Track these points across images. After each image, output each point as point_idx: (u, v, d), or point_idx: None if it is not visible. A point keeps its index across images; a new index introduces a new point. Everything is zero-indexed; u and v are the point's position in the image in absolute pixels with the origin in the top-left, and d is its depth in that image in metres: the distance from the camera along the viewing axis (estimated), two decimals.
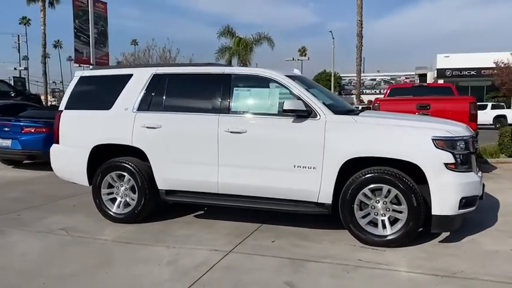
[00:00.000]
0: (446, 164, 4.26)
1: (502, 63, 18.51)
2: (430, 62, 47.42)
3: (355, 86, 47.02)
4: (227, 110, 4.97)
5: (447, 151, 4.27)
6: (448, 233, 4.72)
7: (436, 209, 4.27)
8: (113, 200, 5.44)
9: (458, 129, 4.52)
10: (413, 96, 10.48)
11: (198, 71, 5.26)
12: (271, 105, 4.88)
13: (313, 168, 4.59)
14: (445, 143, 4.29)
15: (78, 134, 5.58)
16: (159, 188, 5.23)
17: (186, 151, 5.06)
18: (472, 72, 40.28)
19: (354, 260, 4.10)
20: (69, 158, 5.63)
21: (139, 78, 5.40)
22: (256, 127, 4.82)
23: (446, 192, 4.25)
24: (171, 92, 5.28)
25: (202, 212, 5.89)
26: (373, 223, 4.52)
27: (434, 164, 4.26)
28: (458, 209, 4.30)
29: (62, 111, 5.69)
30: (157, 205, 5.45)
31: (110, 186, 5.43)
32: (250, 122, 4.85)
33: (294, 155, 4.67)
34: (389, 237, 4.41)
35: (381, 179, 4.40)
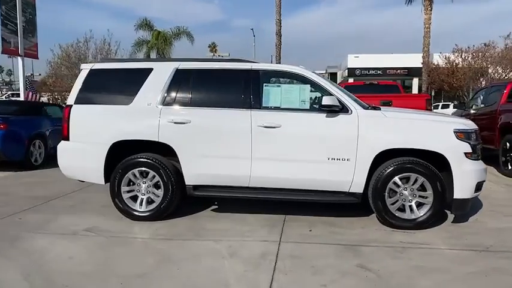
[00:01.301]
0: (465, 154, 4.84)
1: (433, 63, 20.58)
2: (340, 61, 50.30)
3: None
4: (258, 105, 5.09)
5: (466, 142, 4.85)
6: (453, 216, 5.32)
7: (458, 193, 4.84)
8: (133, 198, 5.28)
9: (469, 123, 5.13)
10: (365, 93, 11.30)
11: (225, 67, 5.30)
12: (303, 101, 5.10)
13: (347, 160, 4.91)
14: (464, 135, 4.87)
15: (94, 130, 5.31)
16: (187, 183, 5.20)
17: (217, 146, 5.09)
18: (378, 72, 43.71)
19: (396, 242, 4.51)
20: (83, 155, 5.33)
21: (161, 73, 5.29)
22: (290, 122, 5.01)
23: (466, 178, 4.83)
24: (197, 87, 5.26)
25: (216, 206, 5.93)
26: (401, 209, 4.96)
27: (456, 153, 4.81)
28: (474, 193, 4.92)
29: (71, 106, 5.36)
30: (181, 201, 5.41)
31: (130, 183, 5.26)
32: (284, 117, 5.03)
33: (328, 148, 4.95)
34: (418, 220, 4.88)
35: (410, 169, 4.86)
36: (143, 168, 5.19)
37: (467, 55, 18.25)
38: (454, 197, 4.86)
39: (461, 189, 4.84)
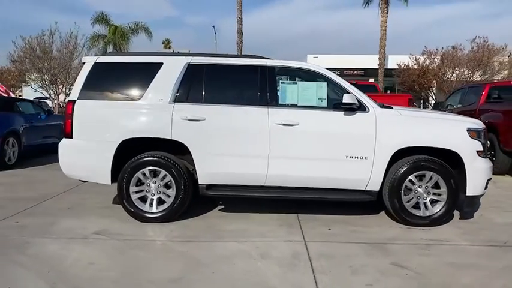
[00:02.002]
0: (477, 152, 4.97)
1: (404, 64, 21.27)
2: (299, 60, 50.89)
3: None
4: (275, 103, 4.99)
5: (477, 140, 4.99)
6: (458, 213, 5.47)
7: (471, 191, 4.96)
8: (141, 199, 5.03)
9: (479, 122, 5.28)
10: None
11: (240, 63, 5.15)
12: (320, 99, 5.05)
13: (365, 158, 4.92)
14: (475, 133, 5.00)
15: (100, 127, 5.00)
16: (200, 182, 5.01)
17: (233, 144, 4.94)
18: (336, 72, 44.62)
19: (418, 239, 4.56)
20: (88, 154, 5.01)
21: (172, 68, 5.07)
22: (308, 120, 4.95)
23: (478, 176, 4.97)
24: (210, 83, 5.08)
25: (223, 206, 5.78)
26: (415, 207, 5.03)
27: (469, 151, 4.94)
28: (484, 190, 5.07)
29: (74, 101, 5.02)
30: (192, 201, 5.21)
31: (138, 183, 5.01)
32: (301, 115, 4.95)
33: (346, 146, 4.93)
34: (434, 217, 4.97)
35: (425, 167, 4.93)
36: (154, 168, 4.95)
37: (435, 57, 19.04)
38: (467, 194, 4.99)
39: (474, 186, 4.97)
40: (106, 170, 4.97)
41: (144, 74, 5.09)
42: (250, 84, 5.09)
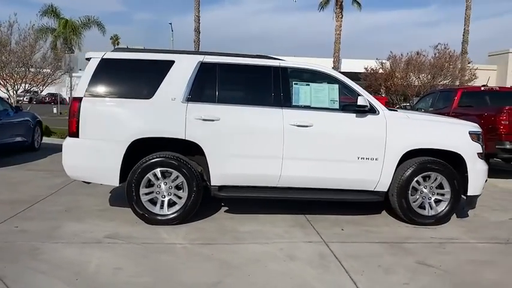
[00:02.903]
0: (478, 154, 5.23)
1: (371, 69, 21.90)
2: None
3: None
4: (289, 104, 5.00)
5: (477, 143, 5.25)
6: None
7: (471, 190, 5.22)
8: (151, 201, 4.87)
9: (477, 126, 5.55)
10: None
11: (253, 63, 5.10)
12: (332, 101, 5.11)
13: (376, 159, 5.03)
14: (476, 136, 5.26)
15: (110, 125, 4.78)
16: (212, 183, 4.92)
17: (247, 144, 4.89)
18: None
19: (428, 238, 4.74)
20: (96, 154, 4.76)
21: (184, 66, 4.93)
22: (322, 121, 4.99)
23: (478, 177, 5.23)
24: (223, 83, 5.00)
25: (227, 207, 5.70)
26: (421, 206, 5.21)
27: (471, 153, 5.19)
28: (482, 190, 5.34)
29: (81, 98, 4.76)
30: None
31: (148, 184, 4.84)
32: (315, 116, 4.98)
33: (358, 148, 5.02)
34: (438, 216, 5.17)
35: (431, 168, 5.12)
36: (166, 168, 4.80)
37: (400, 62, 19.82)
38: (468, 194, 5.23)
39: (475, 186, 5.22)
40: (115, 171, 4.76)
41: (155, 71, 4.92)
42: (264, 85, 5.06)
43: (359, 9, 40.24)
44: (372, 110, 5.07)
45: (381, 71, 21.38)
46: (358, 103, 4.92)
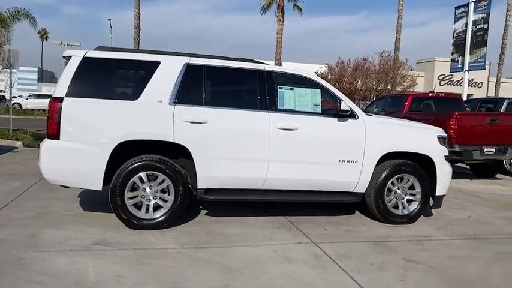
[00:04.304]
0: (445, 156, 5.64)
1: (321, 73, 22.42)
2: None
3: None
4: (275, 107, 5.07)
5: (444, 146, 5.65)
6: None
7: (439, 191, 5.60)
8: (135, 205, 4.73)
9: (442, 130, 5.96)
10: None
11: (239, 66, 5.11)
12: (315, 105, 5.26)
13: (355, 162, 5.25)
14: (443, 140, 5.66)
15: (93, 127, 4.58)
16: (199, 187, 4.88)
17: (235, 147, 4.90)
18: None
19: (406, 236, 5.03)
20: (78, 157, 4.54)
21: (170, 67, 4.85)
22: (306, 125, 5.12)
23: (445, 178, 5.63)
24: (210, 85, 4.98)
25: (207, 210, 5.66)
26: (395, 206, 5.51)
27: (440, 156, 5.57)
28: (446, 190, 5.76)
29: (62, 98, 4.51)
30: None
31: (133, 188, 4.70)
32: (300, 120, 5.10)
33: (339, 151, 5.21)
34: (411, 215, 5.50)
35: (405, 170, 5.43)
36: (152, 172, 4.69)
37: (347, 68, 20.62)
38: (436, 194, 5.61)
39: (442, 187, 5.62)
40: (98, 175, 4.57)
41: (140, 72, 4.81)
42: (250, 88, 5.11)
43: (300, 14, 41.34)
44: (352, 115, 5.28)
45: (329, 76, 22.16)
46: (342, 108, 5.11)
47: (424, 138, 5.60)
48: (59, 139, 4.51)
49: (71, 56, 4.71)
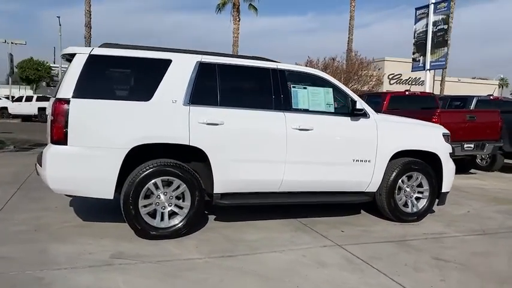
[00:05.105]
0: (449, 154, 5.72)
1: None
2: None
3: None
4: (290, 107, 4.92)
5: (448, 143, 5.73)
6: None
7: (445, 188, 5.68)
8: (149, 214, 4.42)
9: (444, 128, 6.04)
10: None
11: (252, 64, 4.90)
12: (328, 104, 5.15)
13: (368, 161, 5.21)
14: (447, 138, 5.74)
15: (104, 130, 4.21)
16: (215, 191, 4.64)
17: (251, 149, 4.70)
18: None
19: (421, 235, 5.03)
20: (88, 163, 4.16)
21: (182, 66, 4.57)
22: (321, 125, 5.00)
23: (450, 175, 5.71)
24: (223, 85, 4.72)
25: (214, 216, 5.42)
26: (404, 204, 5.52)
27: (445, 153, 5.64)
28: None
29: (68, 100, 4.11)
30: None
31: (146, 196, 4.39)
32: (315, 120, 4.97)
33: (353, 150, 5.14)
34: (420, 212, 5.54)
35: (414, 168, 5.45)
36: (168, 177, 4.39)
37: (316, 67, 20.76)
38: (442, 191, 5.68)
39: (447, 183, 5.69)
40: (110, 182, 4.22)
41: (152, 71, 4.48)
42: (265, 87, 4.91)
43: (256, 14, 41.35)
44: (364, 114, 5.23)
45: None
46: (357, 107, 5.03)
47: (431, 136, 5.65)
48: (66, 144, 4.11)
49: (74, 54, 4.32)
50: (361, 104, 5.13)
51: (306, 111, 5.01)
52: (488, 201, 7.09)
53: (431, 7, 16.86)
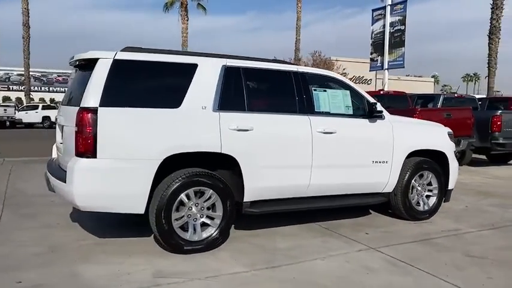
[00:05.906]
0: (454, 152, 5.92)
1: None
2: None
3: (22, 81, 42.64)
4: (313, 110, 4.86)
5: (452, 142, 5.93)
6: None
7: (451, 185, 5.87)
8: (181, 227, 4.18)
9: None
10: None
11: (276, 67, 4.78)
12: (347, 106, 5.15)
13: (386, 162, 5.27)
14: (451, 137, 5.94)
15: (136, 141, 3.93)
16: (246, 199, 4.48)
17: (280, 155, 4.59)
18: None
19: (440, 232, 5.16)
20: (120, 177, 3.85)
21: (208, 70, 4.36)
22: (343, 127, 4.98)
23: (455, 172, 5.91)
24: (249, 89, 4.58)
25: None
26: (417, 203, 5.64)
27: (451, 152, 5.84)
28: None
29: (96, 109, 3.78)
30: None
31: (177, 208, 4.15)
32: (336, 123, 4.95)
33: (372, 152, 5.18)
34: (431, 210, 5.69)
35: (425, 168, 5.59)
36: (200, 187, 4.17)
37: None
38: (448, 188, 5.87)
39: (453, 180, 5.89)
40: (143, 196, 3.95)
41: (179, 76, 4.25)
42: (288, 91, 4.80)
43: (204, 13, 40.92)
44: (380, 115, 5.28)
45: None
46: (378, 109, 5.07)
47: (438, 135, 5.81)
48: (95, 157, 3.78)
49: (94, 59, 3.98)
50: (380, 106, 5.17)
51: (328, 114, 4.98)
52: (477, 195, 7.44)
53: (388, 8, 17.48)
